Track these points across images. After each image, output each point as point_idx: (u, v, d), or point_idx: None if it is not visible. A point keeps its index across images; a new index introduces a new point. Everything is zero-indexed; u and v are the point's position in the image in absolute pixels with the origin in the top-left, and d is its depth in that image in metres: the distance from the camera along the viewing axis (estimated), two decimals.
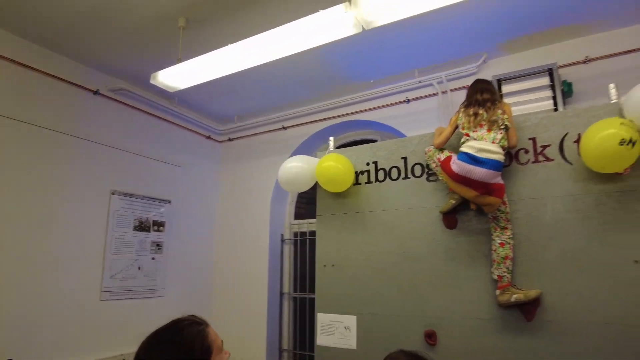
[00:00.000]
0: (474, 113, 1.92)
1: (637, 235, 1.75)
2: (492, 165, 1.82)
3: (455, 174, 1.90)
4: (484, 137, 1.87)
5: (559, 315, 1.84)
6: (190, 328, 1.07)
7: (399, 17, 1.89)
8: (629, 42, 2.69)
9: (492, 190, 1.85)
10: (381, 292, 2.26)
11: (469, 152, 1.86)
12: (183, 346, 1.02)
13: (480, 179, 1.83)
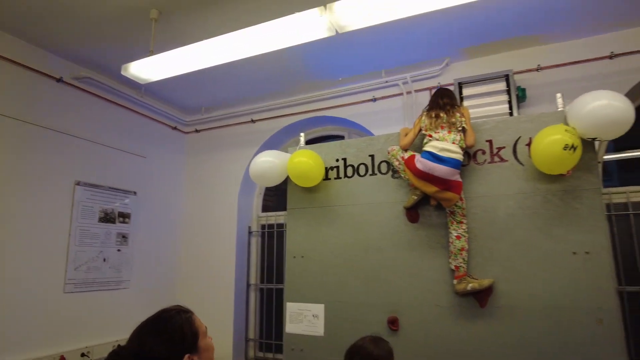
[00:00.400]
0: (436, 115, 2.08)
1: (576, 229, 1.97)
2: (453, 163, 1.99)
3: (419, 170, 2.05)
4: (445, 137, 2.03)
5: (508, 302, 2.04)
6: (179, 316, 1.14)
7: (371, 23, 2.00)
8: (577, 54, 2.94)
9: (451, 186, 2.02)
10: (347, 281, 2.39)
11: (432, 151, 2.02)
12: (174, 332, 1.10)
13: (441, 175, 1.99)
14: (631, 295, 2.87)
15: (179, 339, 1.09)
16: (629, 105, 1.81)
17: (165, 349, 1.08)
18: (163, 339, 1.08)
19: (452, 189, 2.02)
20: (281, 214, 4.11)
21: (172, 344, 1.09)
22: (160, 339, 1.08)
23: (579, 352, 1.90)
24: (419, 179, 2.08)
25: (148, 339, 1.09)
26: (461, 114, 2.11)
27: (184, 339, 1.11)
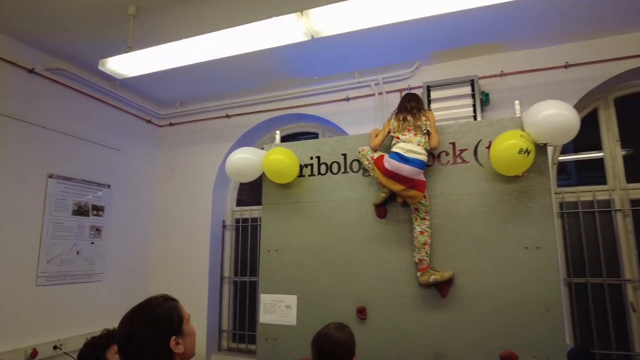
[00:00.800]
0: (403, 118, 2.23)
1: (528, 226, 2.16)
2: (417, 164, 2.15)
3: (387, 170, 2.20)
4: (411, 140, 2.19)
5: (467, 292, 2.22)
6: (166, 303, 1.24)
7: (344, 30, 2.11)
8: (536, 62, 3.15)
9: (416, 185, 2.18)
10: (319, 273, 2.52)
11: (399, 152, 2.17)
12: (162, 317, 1.20)
13: (407, 175, 2.15)
14: (578, 286, 3.13)
15: (166, 323, 1.19)
16: (575, 115, 2.01)
17: (154, 331, 1.17)
18: (152, 323, 1.18)
19: (416, 188, 2.18)
20: (255, 209, 4.20)
21: (160, 327, 1.18)
22: (149, 323, 1.18)
23: (528, 338, 2.10)
24: (387, 177, 2.23)
25: (137, 323, 1.18)
26: (426, 118, 2.27)
27: (171, 323, 1.20)
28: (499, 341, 2.14)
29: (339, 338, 1.64)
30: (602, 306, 3.04)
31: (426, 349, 2.24)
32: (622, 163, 3.15)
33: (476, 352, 2.16)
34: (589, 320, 3.06)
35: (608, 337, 3.00)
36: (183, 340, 1.21)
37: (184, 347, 1.21)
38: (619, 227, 3.08)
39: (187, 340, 1.23)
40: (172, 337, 1.18)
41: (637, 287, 2.99)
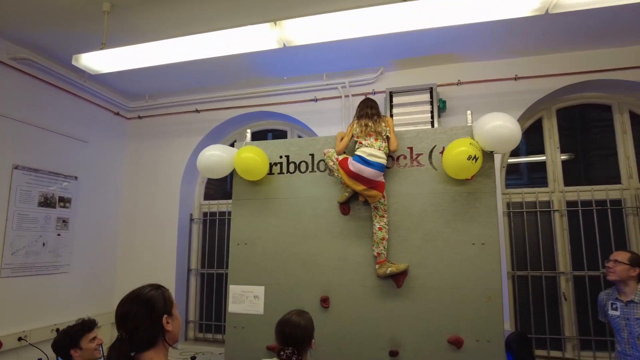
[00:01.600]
0: (365, 124, 2.43)
1: (475, 225, 2.42)
2: (378, 167, 2.36)
3: (351, 171, 2.39)
4: (372, 145, 2.39)
5: (420, 283, 2.46)
6: (158, 290, 1.39)
7: (314, 41, 2.27)
8: (490, 73, 3.43)
9: (376, 185, 2.39)
10: (286, 265, 2.69)
11: (362, 155, 2.37)
12: (155, 298, 1.35)
13: (368, 176, 2.35)
14: (520, 278, 3.46)
15: (159, 304, 1.35)
16: (518, 127, 2.27)
17: (149, 311, 1.32)
18: (147, 304, 1.33)
19: (376, 188, 2.39)
20: (223, 202, 4.30)
21: (154, 307, 1.33)
22: (145, 304, 1.33)
23: (472, 323, 2.36)
24: (350, 178, 2.42)
25: (135, 304, 1.33)
26: (386, 124, 2.47)
27: (164, 304, 1.36)
28: (447, 326, 2.39)
29: (299, 322, 1.83)
30: (540, 296, 3.39)
31: (383, 333, 2.47)
32: (561, 168, 3.50)
33: (427, 337, 2.40)
34: (529, 308, 3.40)
35: (544, 323, 3.35)
36: (173, 320, 1.37)
37: (173, 326, 1.37)
38: (556, 226, 3.43)
39: (175, 323, 1.38)
40: (164, 316, 1.34)
41: (569, 278, 3.35)
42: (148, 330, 1.31)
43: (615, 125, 3.45)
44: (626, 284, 2.40)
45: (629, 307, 2.39)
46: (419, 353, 2.40)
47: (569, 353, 3.28)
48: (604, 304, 2.57)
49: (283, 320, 1.86)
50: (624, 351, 2.41)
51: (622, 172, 3.39)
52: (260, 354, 2.58)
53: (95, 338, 2.32)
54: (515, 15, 2.05)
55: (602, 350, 3.21)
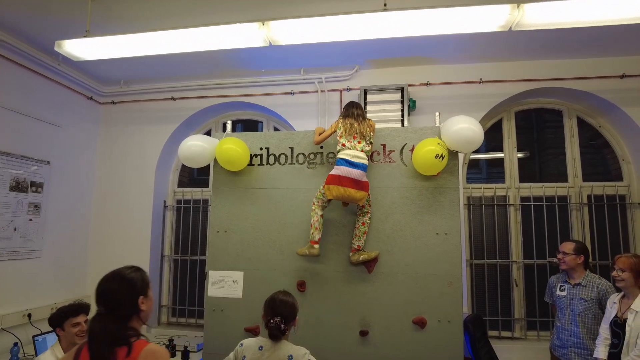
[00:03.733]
0: (351, 124, 2.56)
1: (439, 216, 2.66)
2: (363, 167, 2.51)
3: (337, 176, 2.50)
4: (355, 147, 2.54)
5: (388, 269, 2.68)
6: (138, 272, 1.54)
7: (300, 41, 2.40)
8: (457, 76, 3.68)
9: (363, 186, 2.51)
10: (264, 252, 2.84)
11: (346, 158, 2.52)
12: (134, 279, 1.50)
13: (355, 177, 2.48)
14: (477, 265, 3.78)
15: (137, 285, 1.49)
16: (480, 130, 2.50)
17: (127, 290, 1.46)
18: (126, 283, 1.47)
19: (364, 189, 2.50)
20: (197, 190, 4.38)
21: (132, 287, 1.47)
22: (124, 283, 1.47)
23: (435, 306, 2.61)
24: (336, 184, 2.47)
25: (115, 283, 1.47)
26: (370, 128, 2.61)
27: (142, 285, 1.51)
28: (412, 308, 2.63)
29: (287, 299, 2.01)
30: (494, 282, 3.73)
31: (354, 315, 2.68)
32: (517, 166, 3.83)
33: (394, 318, 2.64)
34: (484, 293, 3.73)
35: (497, 306, 3.69)
36: (148, 301, 1.51)
37: (147, 307, 1.51)
38: (511, 219, 3.76)
39: (149, 303, 1.53)
40: (140, 296, 1.47)
41: (520, 266, 3.70)
42: (125, 308, 1.44)
43: (565, 129, 3.80)
44: (575, 270, 2.75)
45: (575, 289, 2.73)
46: (387, 333, 2.63)
47: (517, 333, 3.64)
48: (553, 286, 2.91)
49: (272, 297, 2.03)
50: (564, 326, 2.75)
51: (568, 172, 3.75)
52: (239, 334, 2.73)
53: (78, 324, 2.37)
54: (483, 30, 2.27)
55: (545, 330, 3.58)
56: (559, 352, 2.78)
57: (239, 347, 2.02)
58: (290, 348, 1.94)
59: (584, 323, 2.67)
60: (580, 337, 2.66)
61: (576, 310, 2.70)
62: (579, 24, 2.19)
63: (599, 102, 3.61)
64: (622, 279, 2.39)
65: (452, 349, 2.58)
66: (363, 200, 2.54)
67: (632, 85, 3.49)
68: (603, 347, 2.46)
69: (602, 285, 2.67)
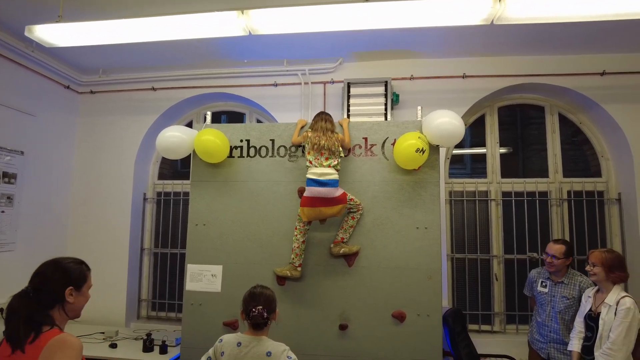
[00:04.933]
0: (318, 140, 2.54)
1: (420, 211, 2.66)
2: (332, 183, 2.51)
3: (308, 198, 2.52)
4: (322, 164, 2.53)
5: (369, 262, 2.67)
6: (78, 264, 1.53)
7: (280, 31, 2.35)
8: (440, 70, 3.67)
9: (338, 201, 2.51)
10: (244, 246, 2.80)
11: (314, 178, 2.51)
12: (70, 270, 1.48)
13: (325, 195, 2.49)
14: (458, 260, 3.80)
15: (70, 276, 1.47)
16: (462, 124, 2.50)
17: (58, 277, 1.44)
18: (59, 271, 1.46)
19: (339, 202, 2.51)
20: (177, 183, 4.30)
21: (64, 276, 1.45)
22: (59, 270, 1.46)
23: (414, 299, 2.62)
24: (309, 206, 2.51)
25: (51, 267, 1.46)
26: (339, 142, 2.58)
27: (77, 278, 1.48)
28: (391, 302, 2.63)
29: (267, 293, 1.98)
30: (475, 276, 3.75)
31: (334, 309, 2.67)
32: (499, 161, 3.85)
33: (374, 311, 2.63)
34: (465, 287, 3.75)
35: (477, 301, 3.72)
36: (78, 295, 1.48)
37: (75, 301, 1.48)
38: (492, 214, 3.79)
39: (80, 299, 1.50)
40: (69, 287, 1.45)
41: (501, 261, 3.73)
42: (49, 294, 1.43)
43: (547, 125, 3.83)
44: (559, 270, 2.74)
45: (557, 287, 2.75)
46: (366, 326, 2.63)
47: (496, 326, 3.68)
48: (533, 280, 2.92)
49: (250, 291, 2.00)
50: (544, 322, 2.77)
51: (549, 168, 3.79)
52: (218, 329, 2.70)
53: None
54: (466, 23, 2.26)
55: (524, 324, 3.63)
56: (537, 347, 2.81)
57: (218, 343, 1.99)
58: (269, 344, 1.91)
59: (563, 320, 2.69)
60: (560, 334, 2.68)
61: (557, 308, 2.72)
62: (560, 19, 2.19)
63: (580, 99, 3.64)
64: (594, 274, 2.43)
65: (431, 343, 2.59)
66: (340, 212, 2.56)
67: (612, 83, 3.52)
68: (577, 340, 2.50)
69: (584, 282, 2.68)
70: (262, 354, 1.87)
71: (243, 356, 1.89)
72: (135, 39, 2.57)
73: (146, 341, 3.09)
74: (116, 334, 3.43)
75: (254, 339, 1.92)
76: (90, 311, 3.92)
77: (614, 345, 2.23)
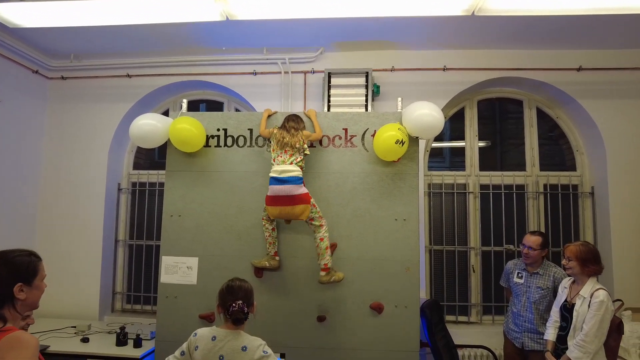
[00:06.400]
0: (282, 137, 2.50)
1: (398, 202, 2.65)
2: (293, 180, 2.43)
3: (270, 196, 2.47)
4: (285, 161, 2.47)
5: (347, 254, 2.66)
6: (27, 257, 1.44)
7: (258, 17, 2.29)
8: (421, 62, 3.65)
9: (299, 199, 2.43)
10: (221, 237, 2.74)
11: (274, 175, 2.47)
12: (19, 265, 1.40)
13: (286, 192, 2.42)
14: (436, 251, 3.83)
15: (19, 270, 1.39)
16: (441, 116, 2.49)
17: (5, 273, 1.36)
18: (7, 266, 1.38)
19: (301, 202, 2.42)
20: (153, 173, 4.19)
21: (12, 272, 1.37)
22: (5, 265, 1.37)
23: (392, 291, 2.62)
24: (272, 205, 2.46)
25: None
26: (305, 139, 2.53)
27: (26, 272, 1.40)
28: (369, 294, 2.62)
29: (245, 286, 1.94)
30: (452, 268, 3.79)
31: (312, 301, 2.65)
32: (478, 154, 3.87)
33: (352, 303, 2.62)
34: (442, 279, 3.78)
35: (454, 292, 3.76)
36: (29, 290, 1.40)
37: (27, 296, 1.40)
38: (470, 206, 3.82)
39: (34, 293, 1.42)
40: (18, 283, 1.37)
41: (478, 253, 3.77)
42: None
43: (525, 119, 3.88)
44: (535, 262, 2.78)
45: (532, 277, 2.79)
46: (345, 318, 2.62)
47: (473, 317, 3.73)
48: (510, 272, 2.96)
49: (228, 284, 1.94)
50: (519, 312, 2.82)
51: (527, 161, 3.84)
52: (193, 322, 2.65)
53: None
54: (447, 13, 2.24)
55: (500, 314, 3.69)
56: (512, 336, 2.86)
57: (193, 337, 1.94)
58: (245, 339, 1.87)
59: (538, 310, 2.74)
60: (534, 323, 2.73)
61: (532, 298, 2.76)
62: (539, 13, 2.19)
63: (557, 94, 3.69)
64: (570, 267, 2.47)
65: (409, 334, 2.60)
66: (305, 214, 2.46)
67: (588, 79, 3.58)
68: (552, 330, 2.55)
69: (558, 273, 2.74)
70: (237, 349, 1.83)
71: (217, 350, 1.84)
72: (107, 21, 2.46)
73: (119, 335, 3.01)
74: (88, 327, 3.34)
75: (229, 333, 1.88)
76: (61, 304, 3.83)
77: (587, 337, 2.27)
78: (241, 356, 1.82)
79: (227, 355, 1.83)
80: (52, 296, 3.42)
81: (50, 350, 2.83)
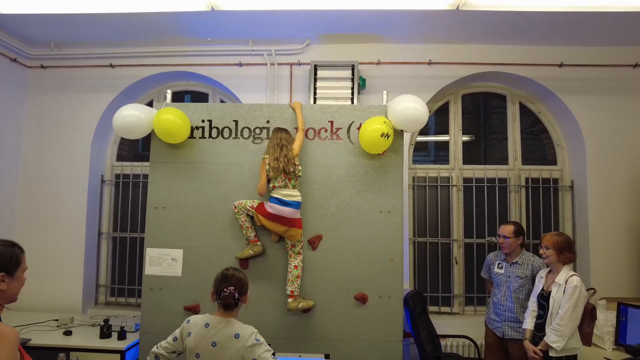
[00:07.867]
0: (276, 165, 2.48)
1: (383, 195, 2.68)
2: (295, 205, 2.52)
3: (270, 213, 2.50)
4: (287, 185, 2.52)
5: (333, 245, 2.68)
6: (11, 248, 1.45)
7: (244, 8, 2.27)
8: (407, 56, 3.67)
9: (295, 223, 2.53)
10: (206, 229, 2.74)
11: (279, 197, 2.50)
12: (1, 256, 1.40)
13: (287, 215, 2.50)
14: (420, 243, 3.88)
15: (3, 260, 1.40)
16: (426, 110, 2.52)
17: None
18: None
19: (295, 226, 2.53)
20: (137, 164, 4.14)
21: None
22: None
23: (376, 281, 2.65)
24: (270, 220, 2.51)
25: None
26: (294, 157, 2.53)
27: (9, 262, 1.41)
28: (354, 284, 2.66)
29: (239, 275, 1.96)
30: (435, 259, 3.85)
31: None
32: (462, 148, 3.93)
33: (336, 293, 2.65)
34: (426, 270, 3.85)
35: (437, 283, 3.83)
36: (10, 281, 1.41)
37: (8, 287, 1.41)
38: (453, 199, 3.88)
39: (15, 284, 1.43)
40: (0, 274, 1.38)
41: (461, 245, 3.84)
42: None
43: (508, 114, 3.94)
44: (513, 250, 2.86)
45: (512, 267, 2.87)
46: (329, 308, 2.65)
47: (455, 308, 3.80)
48: (491, 263, 3.04)
49: (223, 272, 1.96)
50: (499, 302, 2.89)
51: (509, 155, 3.91)
52: (178, 314, 2.64)
53: None
54: (432, 7, 2.26)
55: (482, 305, 3.77)
56: (493, 326, 2.93)
57: (186, 324, 1.97)
58: (238, 326, 1.90)
59: (518, 299, 2.82)
60: (514, 312, 2.81)
61: (512, 287, 2.84)
62: (522, 9, 2.23)
63: (539, 89, 3.76)
64: (546, 256, 2.55)
65: (392, 324, 2.64)
66: (296, 237, 2.57)
67: (569, 75, 3.65)
68: (530, 319, 2.62)
69: (536, 263, 2.82)
70: (229, 336, 1.86)
71: (210, 337, 1.86)
72: (89, 9, 2.41)
73: (103, 327, 2.98)
74: (71, 320, 3.30)
75: (222, 320, 1.90)
76: (43, 297, 3.78)
77: (562, 320, 2.36)
78: (233, 343, 1.84)
79: (219, 342, 1.85)
80: (33, 289, 3.37)
81: (31, 344, 2.79)
